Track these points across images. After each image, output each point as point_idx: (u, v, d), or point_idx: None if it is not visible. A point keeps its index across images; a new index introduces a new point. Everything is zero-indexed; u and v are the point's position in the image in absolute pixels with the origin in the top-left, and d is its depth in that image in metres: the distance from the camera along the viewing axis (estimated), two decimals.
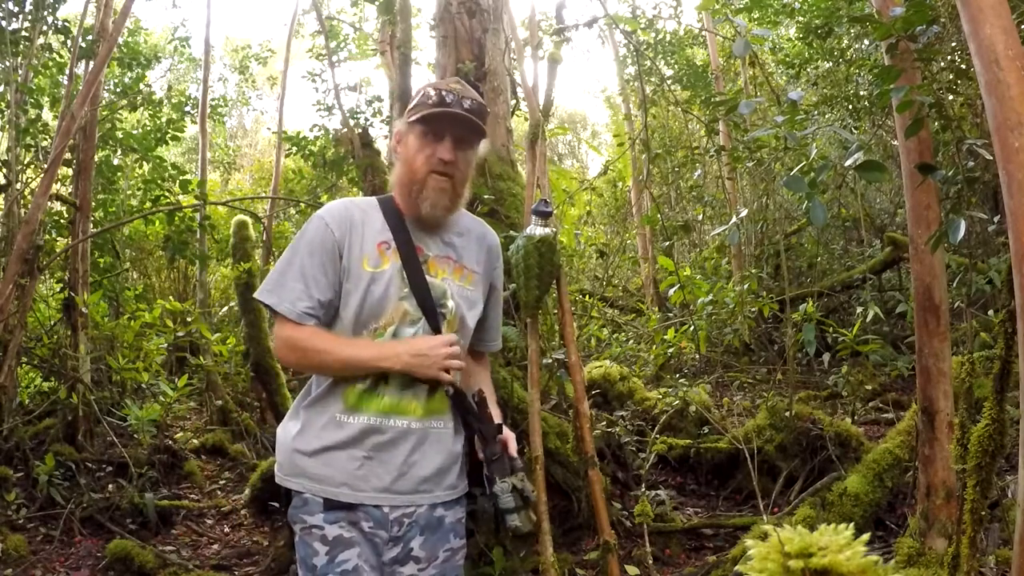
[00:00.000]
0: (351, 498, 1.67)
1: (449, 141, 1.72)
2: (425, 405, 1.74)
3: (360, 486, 1.68)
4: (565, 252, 6.19)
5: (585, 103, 39.56)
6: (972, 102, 3.98)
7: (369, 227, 1.76)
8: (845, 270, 7.70)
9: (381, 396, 1.71)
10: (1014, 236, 1.57)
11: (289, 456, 1.73)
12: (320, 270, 1.72)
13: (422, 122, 1.72)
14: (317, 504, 1.68)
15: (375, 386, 1.71)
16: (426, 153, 1.72)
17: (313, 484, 1.69)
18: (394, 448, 1.70)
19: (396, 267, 1.73)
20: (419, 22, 7.25)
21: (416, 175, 1.73)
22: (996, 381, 2.10)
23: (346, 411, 1.71)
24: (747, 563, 1.09)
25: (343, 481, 1.68)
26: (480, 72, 4.63)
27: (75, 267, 5.34)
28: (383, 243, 1.75)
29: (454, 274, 1.80)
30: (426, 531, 1.75)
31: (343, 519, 1.67)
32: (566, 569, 3.31)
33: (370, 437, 1.69)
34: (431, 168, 1.72)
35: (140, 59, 7.18)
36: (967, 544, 2.15)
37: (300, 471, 1.71)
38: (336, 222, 1.75)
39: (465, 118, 1.71)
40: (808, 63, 7.48)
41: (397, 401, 1.71)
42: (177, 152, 14.66)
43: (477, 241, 1.89)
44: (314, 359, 1.71)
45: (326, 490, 1.68)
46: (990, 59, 1.61)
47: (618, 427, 4.35)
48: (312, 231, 1.75)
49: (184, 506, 4.67)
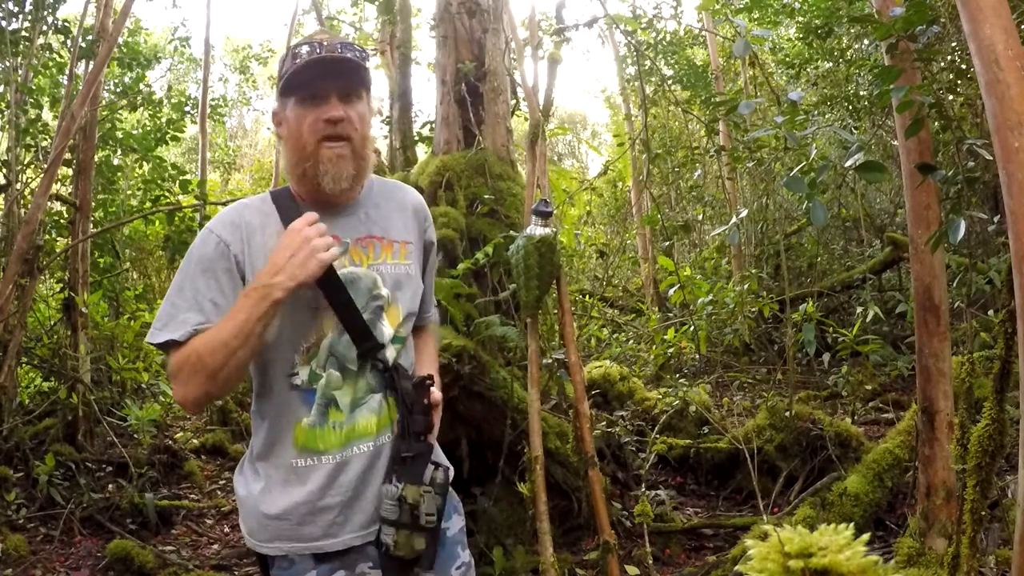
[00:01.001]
0: (340, 545, 1.48)
1: (334, 98, 1.43)
2: (379, 418, 1.51)
3: (343, 531, 1.48)
4: (565, 252, 6.19)
5: (585, 103, 39.61)
6: (972, 102, 3.98)
7: (271, 230, 1.48)
8: (845, 270, 7.70)
9: (332, 428, 1.47)
10: (1014, 236, 1.57)
11: (259, 521, 1.49)
12: (218, 292, 1.43)
13: (294, 87, 1.44)
14: (307, 561, 1.47)
15: (322, 417, 1.47)
16: (308, 121, 1.43)
17: (294, 544, 1.47)
18: (367, 478, 1.49)
19: None
20: (419, 22, 7.26)
21: (305, 150, 1.45)
22: (996, 381, 2.10)
23: (300, 455, 1.48)
24: (747, 563, 1.10)
25: (325, 533, 1.47)
26: (480, 72, 4.63)
27: (75, 267, 5.34)
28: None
29: (383, 253, 1.54)
30: None
31: (338, 568, 1.47)
32: (566, 569, 3.31)
33: (338, 478, 1.47)
34: (319, 136, 1.43)
35: (140, 59, 7.18)
36: (967, 544, 2.15)
37: (276, 535, 1.48)
38: (229, 232, 1.46)
39: (341, 61, 1.42)
40: (808, 63, 7.48)
41: (352, 426, 1.48)
42: (177, 152, 14.66)
43: (399, 207, 1.62)
44: (209, 364, 1.36)
45: (310, 547, 1.47)
46: (990, 59, 1.61)
47: (618, 427, 4.35)
48: (201, 247, 1.46)
49: (184, 506, 4.67)
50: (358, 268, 1.51)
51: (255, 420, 1.55)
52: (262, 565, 1.55)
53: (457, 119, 4.68)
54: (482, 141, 4.54)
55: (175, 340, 1.41)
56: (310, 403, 1.48)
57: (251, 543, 1.52)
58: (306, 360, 1.48)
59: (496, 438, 3.49)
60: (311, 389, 1.48)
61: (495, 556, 3.23)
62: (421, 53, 8.26)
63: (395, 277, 1.55)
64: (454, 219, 4.22)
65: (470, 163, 4.45)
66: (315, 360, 1.48)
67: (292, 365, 1.48)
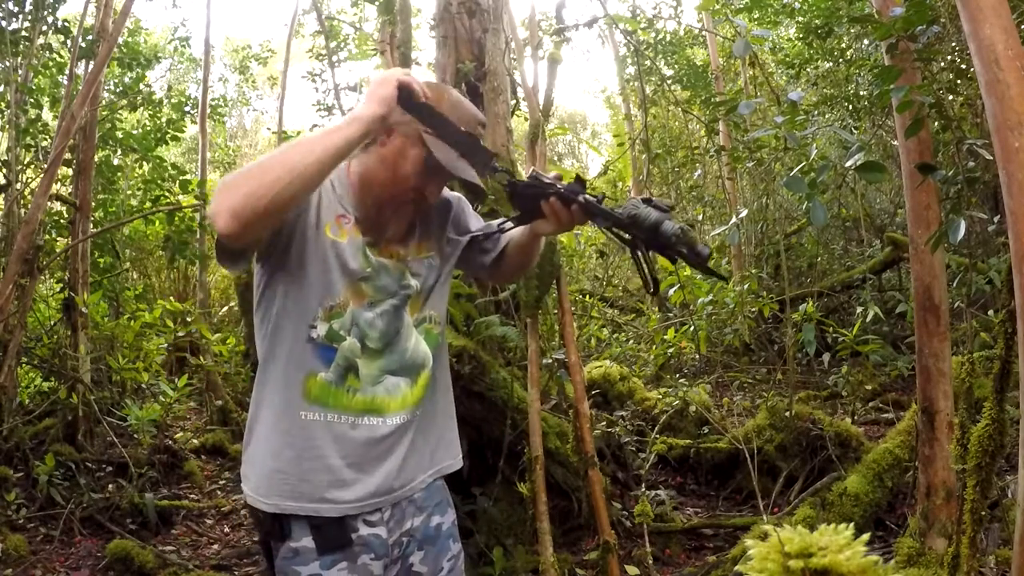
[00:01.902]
0: (335, 512, 1.50)
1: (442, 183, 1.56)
2: (394, 400, 1.55)
3: (342, 498, 1.50)
4: (565, 252, 6.19)
5: (585, 103, 39.54)
6: (972, 102, 3.97)
7: (327, 196, 1.53)
8: (845, 270, 7.70)
9: (347, 392, 1.51)
10: (1014, 236, 1.57)
11: (261, 472, 1.52)
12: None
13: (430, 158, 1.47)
14: (310, 552, 1.48)
15: (340, 378, 1.50)
16: (413, 185, 1.52)
17: (290, 503, 1.49)
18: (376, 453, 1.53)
19: (357, 243, 1.53)
20: (419, 22, 7.26)
21: (395, 194, 1.53)
22: (996, 381, 2.10)
23: (311, 407, 1.50)
24: (747, 563, 1.10)
25: (322, 496, 1.49)
26: (480, 72, 4.63)
27: (75, 267, 5.34)
28: (342, 216, 1.54)
29: (412, 250, 1.62)
30: (425, 545, 1.64)
31: (341, 561, 1.49)
32: (566, 569, 3.31)
33: (344, 441, 1.51)
34: (406, 199, 1.54)
35: (140, 59, 7.17)
36: (967, 544, 2.15)
37: (275, 489, 1.50)
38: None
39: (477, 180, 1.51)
40: (808, 63, 7.48)
41: (371, 398, 1.52)
42: (177, 152, 14.65)
43: (436, 211, 1.68)
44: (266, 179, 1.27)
45: (306, 508, 1.49)
46: (990, 59, 1.61)
47: (618, 427, 4.35)
48: None
49: (184, 506, 4.67)
50: (388, 260, 1.58)
51: (262, 378, 1.55)
52: (268, 558, 1.57)
53: None
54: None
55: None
56: (326, 359, 1.50)
57: (252, 499, 1.54)
58: (327, 317, 1.50)
59: (496, 438, 3.49)
60: (329, 346, 1.51)
61: (495, 556, 3.23)
62: (421, 53, 8.26)
63: (422, 266, 1.62)
64: None
65: None
66: (338, 320, 1.51)
67: (313, 317, 1.50)
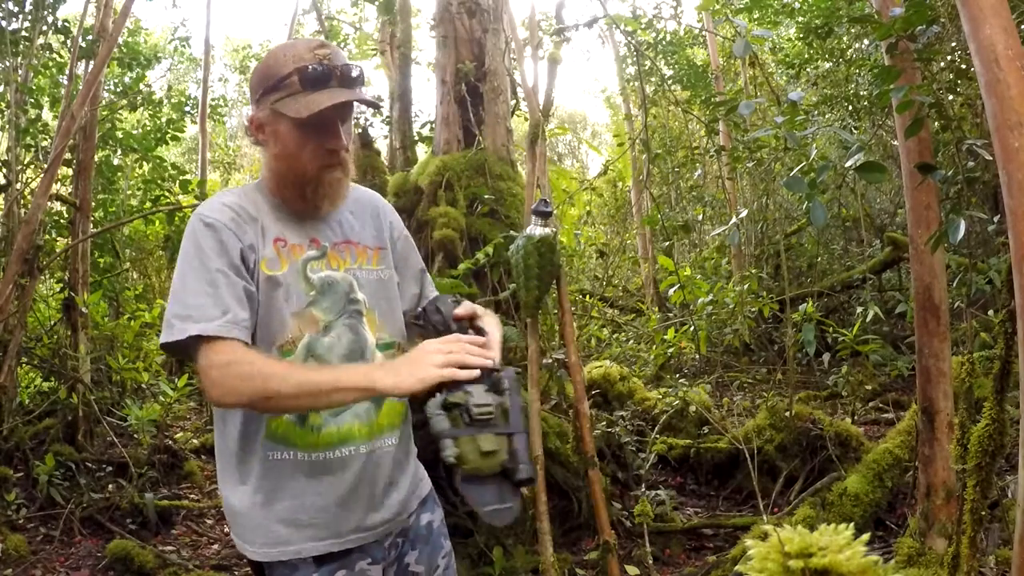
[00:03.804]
0: (336, 547, 1.47)
1: (337, 124, 1.42)
2: (370, 424, 1.50)
3: (340, 533, 1.47)
4: (565, 252, 6.19)
5: (585, 103, 39.62)
6: (972, 102, 3.98)
7: (264, 221, 1.45)
8: (845, 270, 7.70)
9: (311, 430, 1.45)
10: (1014, 236, 1.57)
11: (263, 526, 1.45)
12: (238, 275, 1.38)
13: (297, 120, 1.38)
14: (308, 566, 1.45)
15: (300, 417, 1.44)
16: (310, 149, 1.42)
17: (297, 547, 1.45)
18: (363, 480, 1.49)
19: (295, 268, 1.45)
20: (419, 22, 7.27)
21: (305, 175, 1.44)
22: (996, 381, 2.10)
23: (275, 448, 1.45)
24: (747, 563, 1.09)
25: (323, 535, 1.46)
26: (480, 72, 4.64)
27: (75, 267, 5.34)
28: (279, 239, 1.45)
29: (359, 258, 1.54)
30: (418, 543, 1.63)
31: (338, 569, 1.47)
32: (566, 569, 3.31)
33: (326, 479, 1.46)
34: (321, 163, 1.43)
35: (140, 59, 7.18)
36: (967, 544, 2.15)
37: (281, 538, 1.45)
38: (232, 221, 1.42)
39: (349, 93, 1.40)
40: (808, 63, 7.48)
41: (336, 429, 1.46)
42: (177, 152, 14.66)
43: (371, 214, 1.63)
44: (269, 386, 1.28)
45: (313, 547, 1.45)
46: (990, 59, 1.61)
47: (618, 427, 4.35)
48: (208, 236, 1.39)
49: (184, 506, 4.67)
50: (335, 272, 1.50)
51: (222, 420, 1.48)
52: (257, 573, 1.51)
53: (457, 119, 4.68)
54: (482, 141, 4.54)
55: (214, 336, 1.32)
56: None
57: (256, 553, 1.46)
58: (281, 356, 1.43)
59: None
60: None
61: (495, 556, 3.23)
62: (421, 53, 8.27)
63: (371, 282, 1.55)
64: (454, 219, 4.22)
65: (470, 163, 4.45)
66: (289, 357, 1.43)
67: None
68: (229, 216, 1.42)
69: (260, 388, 1.28)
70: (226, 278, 1.36)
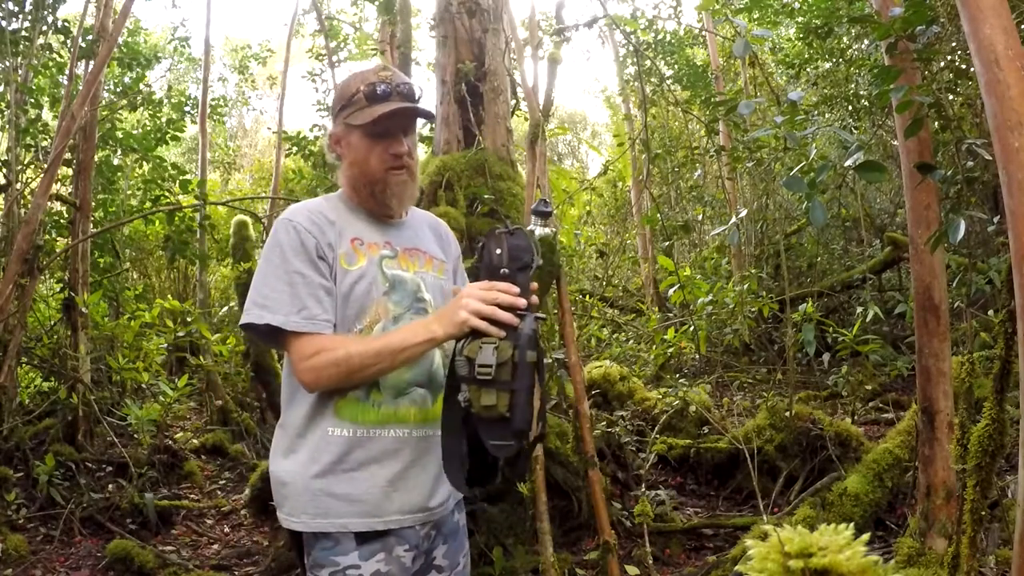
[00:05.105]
0: (381, 525, 1.56)
1: (400, 134, 1.64)
2: (422, 410, 1.63)
3: (386, 512, 1.57)
4: (565, 252, 6.19)
5: (585, 103, 39.61)
6: (972, 102, 3.97)
7: (341, 224, 1.66)
8: (845, 270, 7.71)
9: (372, 406, 1.58)
10: (1014, 236, 1.57)
11: (313, 498, 1.55)
12: (317, 273, 1.57)
13: (364, 127, 1.62)
14: (350, 541, 1.54)
15: (365, 393, 1.58)
16: (377, 152, 1.63)
17: (343, 520, 1.54)
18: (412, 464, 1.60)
19: (373, 262, 1.63)
20: (419, 22, 7.27)
21: (374, 176, 1.65)
22: (996, 381, 2.10)
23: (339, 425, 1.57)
24: (747, 563, 1.09)
25: (366, 511, 1.55)
26: (480, 72, 4.63)
27: (75, 267, 5.34)
28: (356, 239, 1.65)
29: (426, 266, 1.73)
30: (448, 539, 1.70)
31: (379, 551, 1.55)
32: (566, 569, 3.31)
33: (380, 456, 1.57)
34: (387, 166, 1.64)
35: (140, 59, 7.18)
36: (967, 544, 2.15)
37: (330, 510, 1.55)
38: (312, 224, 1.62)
39: (406, 109, 1.62)
40: (808, 63, 7.48)
41: (394, 410, 1.60)
42: (177, 152, 14.66)
43: (432, 230, 1.84)
44: (353, 361, 1.50)
45: (359, 523, 1.54)
46: (990, 59, 1.61)
47: (618, 427, 4.35)
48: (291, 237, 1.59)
49: (184, 506, 4.67)
50: (405, 272, 1.67)
51: (292, 396, 1.62)
52: (297, 548, 1.61)
53: (457, 119, 4.67)
54: (482, 141, 4.54)
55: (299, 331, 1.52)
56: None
57: (295, 523, 1.57)
58: None
59: None
60: None
61: (495, 556, 3.23)
62: (421, 53, 8.28)
63: (436, 287, 1.73)
64: (454, 219, 4.22)
65: (470, 163, 4.45)
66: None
67: None
68: (310, 220, 1.62)
69: (347, 365, 1.50)
70: (303, 278, 1.56)
